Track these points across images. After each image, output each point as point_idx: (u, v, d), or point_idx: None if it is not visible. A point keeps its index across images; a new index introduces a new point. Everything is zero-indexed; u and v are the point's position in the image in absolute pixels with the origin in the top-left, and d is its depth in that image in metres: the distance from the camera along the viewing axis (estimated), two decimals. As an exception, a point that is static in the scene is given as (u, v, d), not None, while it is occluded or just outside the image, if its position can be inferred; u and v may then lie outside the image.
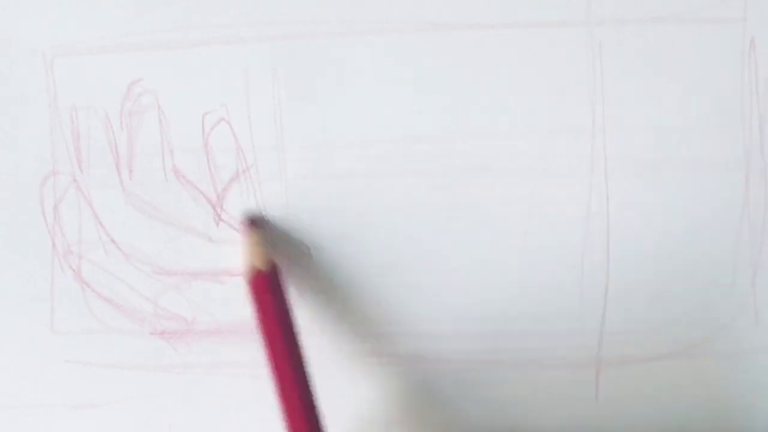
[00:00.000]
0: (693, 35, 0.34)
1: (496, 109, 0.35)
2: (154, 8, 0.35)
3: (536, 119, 0.35)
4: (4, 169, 0.35)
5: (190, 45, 0.35)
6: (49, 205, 0.35)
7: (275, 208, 0.35)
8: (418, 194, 0.35)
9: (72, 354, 0.36)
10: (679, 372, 0.35)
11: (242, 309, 0.36)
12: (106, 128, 0.35)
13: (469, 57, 0.34)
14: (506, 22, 0.34)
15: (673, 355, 0.35)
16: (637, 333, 0.35)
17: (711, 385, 0.35)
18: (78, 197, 0.35)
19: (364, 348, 0.37)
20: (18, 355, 0.36)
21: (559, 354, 0.35)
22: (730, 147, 0.34)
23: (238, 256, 0.36)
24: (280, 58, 0.35)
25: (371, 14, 0.34)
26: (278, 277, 0.35)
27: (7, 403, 0.37)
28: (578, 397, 0.36)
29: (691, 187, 0.35)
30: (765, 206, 0.34)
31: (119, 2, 0.35)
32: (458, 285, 0.36)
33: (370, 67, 0.35)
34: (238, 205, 0.36)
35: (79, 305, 0.36)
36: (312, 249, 0.36)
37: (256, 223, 0.36)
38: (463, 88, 0.35)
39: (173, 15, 0.35)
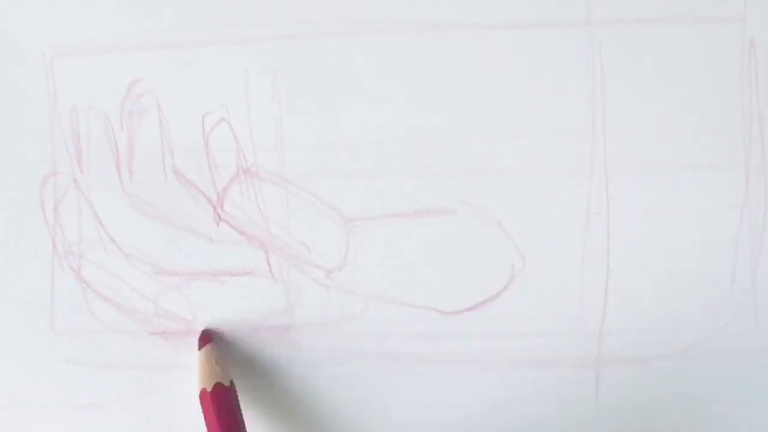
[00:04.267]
0: (693, 35, 0.34)
1: (496, 109, 0.35)
2: (154, 8, 0.35)
3: (536, 119, 0.35)
4: (4, 169, 0.36)
5: (190, 45, 0.35)
6: (49, 206, 0.35)
7: (275, 208, 0.35)
8: (417, 194, 0.35)
9: (72, 354, 0.36)
10: (679, 372, 0.35)
11: (242, 309, 0.36)
12: (106, 128, 0.35)
13: (469, 57, 0.34)
14: (506, 22, 0.34)
15: (673, 356, 0.35)
16: (637, 333, 0.35)
17: (711, 385, 0.35)
18: (78, 197, 0.35)
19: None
20: (18, 355, 0.36)
21: (559, 354, 0.35)
22: (730, 147, 0.34)
23: (239, 256, 0.36)
24: (280, 58, 0.35)
25: (371, 14, 0.34)
26: (228, 396, 0.35)
27: (7, 403, 0.36)
28: (578, 397, 0.36)
29: (691, 187, 0.35)
30: (765, 206, 0.34)
31: (119, 2, 0.35)
32: (457, 286, 0.36)
33: (370, 67, 0.35)
34: (238, 205, 0.35)
35: (79, 305, 0.36)
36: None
37: (209, 338, 0.36)
38: (462, 88, 0.35)
39: (173, 15, 0.35)
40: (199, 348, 0.36)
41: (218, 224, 0.35)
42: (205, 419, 0.34)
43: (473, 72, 0.34)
